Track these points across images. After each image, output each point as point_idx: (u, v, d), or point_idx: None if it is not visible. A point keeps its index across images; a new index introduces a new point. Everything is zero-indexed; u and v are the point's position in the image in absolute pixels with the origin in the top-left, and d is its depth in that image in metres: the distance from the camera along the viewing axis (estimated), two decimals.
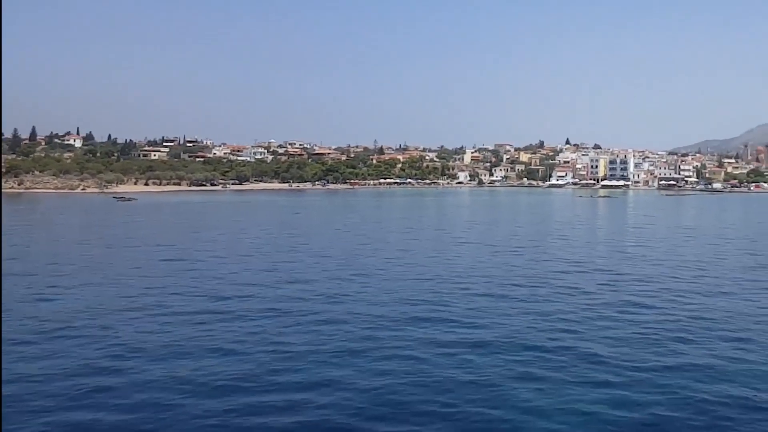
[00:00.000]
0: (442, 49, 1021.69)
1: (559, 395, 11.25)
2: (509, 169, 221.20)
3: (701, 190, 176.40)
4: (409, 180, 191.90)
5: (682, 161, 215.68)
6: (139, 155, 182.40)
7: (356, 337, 15.06)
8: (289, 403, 10.92)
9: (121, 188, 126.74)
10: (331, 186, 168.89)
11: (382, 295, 20.45)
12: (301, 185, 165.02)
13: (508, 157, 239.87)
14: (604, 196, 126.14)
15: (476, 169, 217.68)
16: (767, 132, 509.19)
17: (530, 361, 13.18)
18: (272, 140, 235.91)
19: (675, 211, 78.68)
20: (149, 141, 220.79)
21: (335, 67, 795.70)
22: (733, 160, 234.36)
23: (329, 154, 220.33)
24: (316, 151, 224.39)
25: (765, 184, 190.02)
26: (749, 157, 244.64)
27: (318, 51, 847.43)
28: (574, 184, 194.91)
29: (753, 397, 11.18)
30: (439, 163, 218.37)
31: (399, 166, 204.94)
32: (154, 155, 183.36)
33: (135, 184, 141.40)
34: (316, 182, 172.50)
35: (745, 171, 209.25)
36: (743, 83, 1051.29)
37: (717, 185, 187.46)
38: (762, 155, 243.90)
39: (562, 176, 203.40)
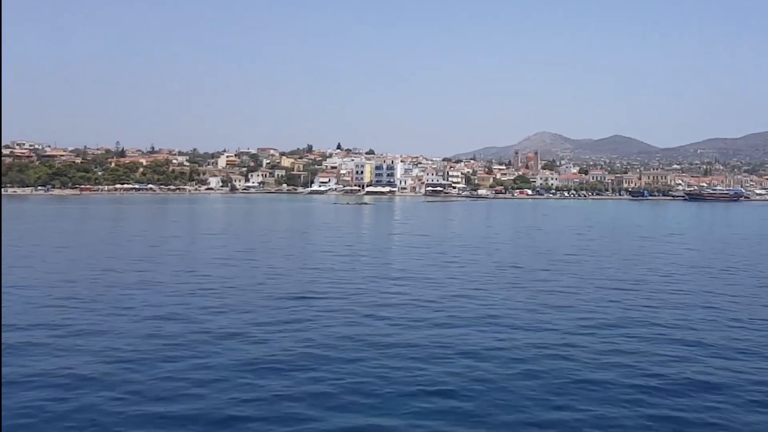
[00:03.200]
0: (209, 46, 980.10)
1: None
2: (268, 174, 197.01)
3: (466, 197, 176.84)
4: (150, 186, 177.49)
5: (452, 167, 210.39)
6: None
7: None
8: None
9: None
10: (56, 192, 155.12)
11: None
12: (20, 191, 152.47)
13: (269, 161, 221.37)
14: (362, 203, 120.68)
15: (231, 174, 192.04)
16: (543, 139, 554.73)
17: None
18: None
19: (423, 216, 79.49)
20: None
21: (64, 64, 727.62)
22: (503, 167, 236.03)
23: (62, 156, 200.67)
24: (48, 153, 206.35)
25: (529, 191, 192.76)
26: (519, 164, 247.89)
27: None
28: (339, 190, 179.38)
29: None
30: (188, 168, 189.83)
31: (141, 170, 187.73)
32: None
33: None
34: (39, 187, 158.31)
35: (512, 177, 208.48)
36: (524, 92, 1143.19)
37: (482, 191, 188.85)
38: (531, 162, 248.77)
39: (325, 182, 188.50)
